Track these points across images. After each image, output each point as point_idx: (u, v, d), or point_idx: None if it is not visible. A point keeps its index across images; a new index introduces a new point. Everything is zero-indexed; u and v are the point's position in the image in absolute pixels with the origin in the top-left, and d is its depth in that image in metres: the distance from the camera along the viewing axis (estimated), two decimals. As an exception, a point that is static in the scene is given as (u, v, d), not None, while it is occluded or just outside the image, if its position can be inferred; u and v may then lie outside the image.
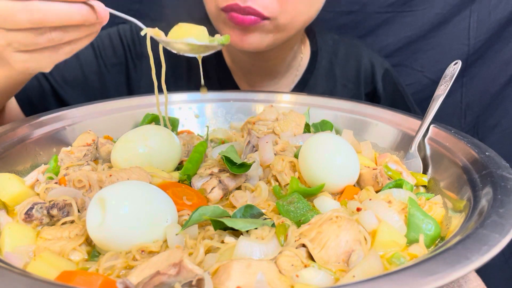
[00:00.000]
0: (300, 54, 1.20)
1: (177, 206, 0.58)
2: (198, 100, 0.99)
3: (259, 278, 0.45)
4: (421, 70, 1.45)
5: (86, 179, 0.64)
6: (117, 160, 0.72)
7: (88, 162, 0.73)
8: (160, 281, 0.42)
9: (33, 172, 0.71)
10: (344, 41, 1.26)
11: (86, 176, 0.64)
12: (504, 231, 0.46)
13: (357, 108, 0.92)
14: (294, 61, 1.18)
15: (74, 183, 0.64)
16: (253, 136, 0.79)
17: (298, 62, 1.20)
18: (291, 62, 1.18)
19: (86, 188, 0.64)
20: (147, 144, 0.73)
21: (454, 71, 0.81)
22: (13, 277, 0.41)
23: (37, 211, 0.59)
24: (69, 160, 0.73)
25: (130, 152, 0.72)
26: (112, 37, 1.15)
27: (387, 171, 0.70)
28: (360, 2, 1.40)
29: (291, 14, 0.95)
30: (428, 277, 0.39)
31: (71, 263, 0.53)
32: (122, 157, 0.72)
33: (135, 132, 0.76)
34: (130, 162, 0.71)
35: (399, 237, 0.55)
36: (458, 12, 1.39)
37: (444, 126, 0.78)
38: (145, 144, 0.73)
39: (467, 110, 1.47)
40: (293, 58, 1.17)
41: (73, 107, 0.88)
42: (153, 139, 0.73)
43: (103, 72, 1.15)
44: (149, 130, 0.76)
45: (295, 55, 1.17)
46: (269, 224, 0.55)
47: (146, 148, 0.72)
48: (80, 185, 0.64)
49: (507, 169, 0.60)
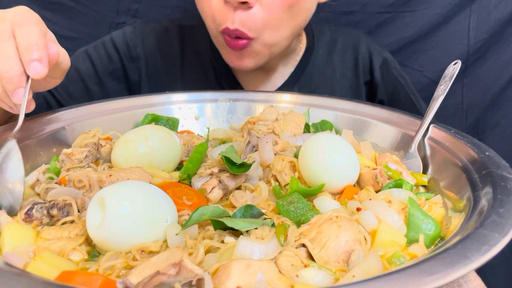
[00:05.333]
0: (299, 44, 1.20)
1: (177, 206, 0.58)
2: (198, 100, 0.98)
3: (259, 278, 0.45)
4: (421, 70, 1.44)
5: (86, 179, 0.64)
6: (118, 160, 0.72)
7: (89, 165, 0.73)
8: (160, 281, 0.42)
9: (33, 172, 0.71)
10: (342, 32, 1.26)
11: (86, 176, 0.64)
12: (504, 231, 0.46)
13: (357, 108, 0.92)
14: (292, 52, 1.19)
15: (74, 183, 0.64)
16: (253, 136, 0.79)
17: (297, 52, 1.20)
18: (289, 53, 1.19)
19: (86, 188, 0.64)
20: (148, 144, 0.73)
21: (454, 71, 0.81)
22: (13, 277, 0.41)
23: (37, 211, 0.59)
24: (70, 162, 0.73)
25: (131, 152, 0.72)
26: (107, 45, 1.18)
27: (387, 171, 0.70)
28: (360, 2, 1.40)
29: (274, 30, 0.97)
30: (428, 277, 0.40)
31: (71, 263, 0.53)
32: (123, 157, 0.72)
33: (135, 132, 0.76)
34: (130, 162, 0.71)
35: (399, 237, 0.55)
36: (458, 12, 1.39)
37: (444, 126, 0.78)
38: (146, 144, 0.72)
39: (468, 111, 1.46)
40: (291, 50, 1.18)
41: (73, 107, 0.88)
42: (153, 139, 0.73)
43: (103, 81, 1.18)
44: (150, 130, 0.76)
45: (293, 48, 1.18)
46: (269, 224, 0.55)
47: (147, 148, 0.72)
48: (80, 185, 0.64)
49: (507, 169, 0.60)
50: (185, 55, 1.20)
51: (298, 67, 1.20)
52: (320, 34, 1.24)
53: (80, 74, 1.15)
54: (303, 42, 1.22)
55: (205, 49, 1.19)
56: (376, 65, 1.22)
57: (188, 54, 1.21)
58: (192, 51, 1.21)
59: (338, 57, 1.23)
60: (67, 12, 1.35)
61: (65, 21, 1.36)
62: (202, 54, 1.20)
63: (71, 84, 1.14)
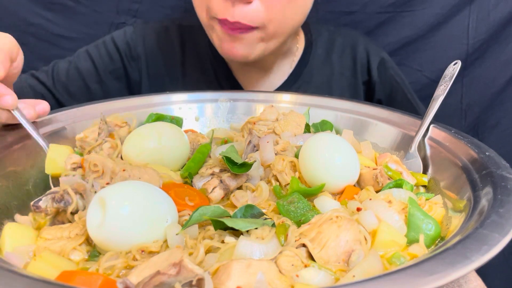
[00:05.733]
0: (295, 44, 1.20)
1: (178, 206, 0.58)
2: (198, 100, 0.99)
3: (259, 278, 0.45)
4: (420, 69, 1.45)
5: (101, 165, 0.64)
6: (129, 154, 0.73)
7: (105, 139, 0.74)
8: (160, 281, 0.42)
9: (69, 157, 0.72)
10: (340, 32, 1.26)
11: (102, 162, 0.65)
12: (504, 231, 0.46)
13: (357, 108, 0.92)
14: (289, 51, 1.19)
15: (90, 166, 0.65)
16: (254, 136, 0.79)
17: (294, 52, 1.21)
18: (287, 52, 1.19)
19: (99, 174, 0.64)
20: (161, 141, 0.73)
21: (453, 71, 0.81)
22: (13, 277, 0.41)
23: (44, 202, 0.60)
24: (88, 145, 0.75)
25: (143, 147, 0.73)
26: (108, 45, 1.19)
27: (387, 171, 0.70)
28: (360, 2, 1.40)
29: (279, 21, 0.96)
30: (428, 277, 0.39)
31: (71, 263, 0.53)
32: (135, 152, 0.72)
33: (149, 127, 0.76)
34: (141, 156, 0.71)
35: (399, 237, 0.55)
36: (458, 12, 1.39)
37: (444, 126, 0.78)
38: (159, 141, 0.73)
39: (468, 111, 1.47)
40: (289, 49, 1.19)
41: (73, 107, 0.88)
42: (166, 136, 0.74)
43: (103, 80, 1.19)
44: (163, 127, 0.76)
45: (290, 45, 1.19)
46: (269, 224, 0.55)
47: (159, 145, 0.73)
48: (95, 168, 0.64)
49: (507, 169, 0.60)
50: (185, 55, 1.21)
51: (297, 67, 1.20)
52: (318, 34, 1.24)
53: (81, 73, 1.16)
54: (301, 42, 1.22)
55: (204, 49, 1.20)
56: (374, 65, 1.22)
57: (188, 54, 1.21)
58: (192, 51, 1.21)
59: (336, 57, 1.23)
60: (67, 12, 1.35)
61: (65, 21, 1.36)
62: (201, 54, 1.20)
63: (71, 82, 1.15)
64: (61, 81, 1.15)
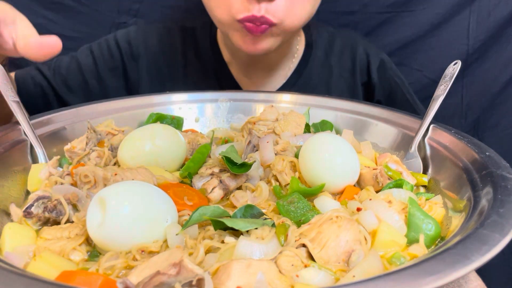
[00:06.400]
0: (296, 45, 1.21)
1: (177, 206, 0.58)
2: (198, 100, 0.99)
3: (259, 278, 0.45)
4: (420, 69, 1.45)
5: (92, 175, 0.64)
6: (124, 158, 0.73)
7: (93, 149, 0.74)
8: (160, 281, 0.42)
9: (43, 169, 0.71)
10: (340, 33, 1.26)
11: (93, 172, 0.65)
12: (504, 231, 0.46)
13: (357, 108, 0.92)
14: (290, 52, 1.20)
15: (81, 177, 0.64)
16: (254, 136, 0.79)
17: (294, 53, 1.21)
18: (287, 53, 1.19)
19: (91, 184, 0.64)
20: (155, 143, 0.73)
21: (454, 71, 0.81)
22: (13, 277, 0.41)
23: (36, 208, 0.59)
24: (77, 155, 0.74)
25: (138, 150, 0.73)
26: (110, 43, 1.20)
27: (387, 171, 0.70)
28: (360, 2, 1.40)
29: (296, 17, 0.98)
30: (428, 277, 0.39)
31: (71, 263, 0.53)
32: (130, 155, 0.73)
33: (142, 130, 0.76)
34: (137, 160, 0.72)
35: (399, 237, 0.55)
36: (458, 12, 1.39)
37: (444, 126, 0.78)
38: (153, 143, 0.73)
39: (468, 111, 1.46)
40: (289, 49, 1.19)
41: (73, 107, 0.88)
42: (160, 138, 0.74)
43: (102, 77, 1.20)
44: (157, 129, 0.76)
45: (291, 46, 1.19)
46: (269, 224, 0.55)
47: (154, 147, 0.73)
48: (86, 180, 0.64)
49: (507, 169, 0.60)
50: (186, 56, 1.21)
51: (297, 69, 1.20)
52: (318, 35, 1.24)
53: (81, 67, 1.18)
54: (301, 42, 1.22)
55: (205, 50, 1.20)
56: (373, 66, 1.23)
57: (189, 55, 1.21)
58: (193, 52, 1.21)
59: (336, 58, 1.23)
60: (68, 12, 1.35)
61: (66, 20, 1.36)
62: (202, 55, 1.20)
63: (71, 76, 1.17)
64: (60, 74, 1.16)
